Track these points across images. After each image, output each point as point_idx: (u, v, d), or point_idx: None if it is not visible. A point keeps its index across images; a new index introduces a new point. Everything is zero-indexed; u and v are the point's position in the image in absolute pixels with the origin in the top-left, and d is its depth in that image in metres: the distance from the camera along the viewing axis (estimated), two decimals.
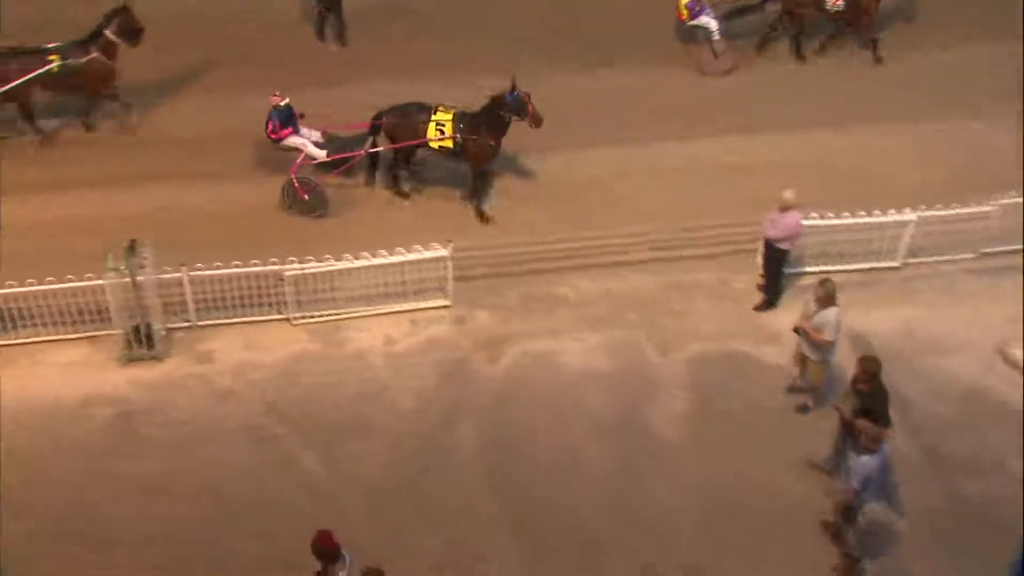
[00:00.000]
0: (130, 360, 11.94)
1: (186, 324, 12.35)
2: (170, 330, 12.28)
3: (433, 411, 11.62)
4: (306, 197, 13.66)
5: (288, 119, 13.61)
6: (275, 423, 11.46)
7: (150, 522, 10.44)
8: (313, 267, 12.14)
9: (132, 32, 14.62)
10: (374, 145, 13.89)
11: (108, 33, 14.49)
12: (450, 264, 12.45)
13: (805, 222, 12.53)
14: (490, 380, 11.96)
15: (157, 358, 11.99)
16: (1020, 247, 13.43)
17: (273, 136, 13.66)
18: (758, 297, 12.95)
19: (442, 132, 13.46)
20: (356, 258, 12.22)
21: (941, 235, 13.24)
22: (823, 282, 11.17)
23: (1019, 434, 11.41)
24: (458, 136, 13.42)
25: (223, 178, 14.20)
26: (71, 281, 11.66)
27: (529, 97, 13.20)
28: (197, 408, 11.57)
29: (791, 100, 16.01)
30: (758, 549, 10.31)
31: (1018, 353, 12.16)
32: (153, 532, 10.37)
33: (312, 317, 12.51)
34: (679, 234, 13.67)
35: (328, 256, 12.18)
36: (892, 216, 12.94)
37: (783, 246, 12.51)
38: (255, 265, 12.05)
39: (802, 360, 11.46)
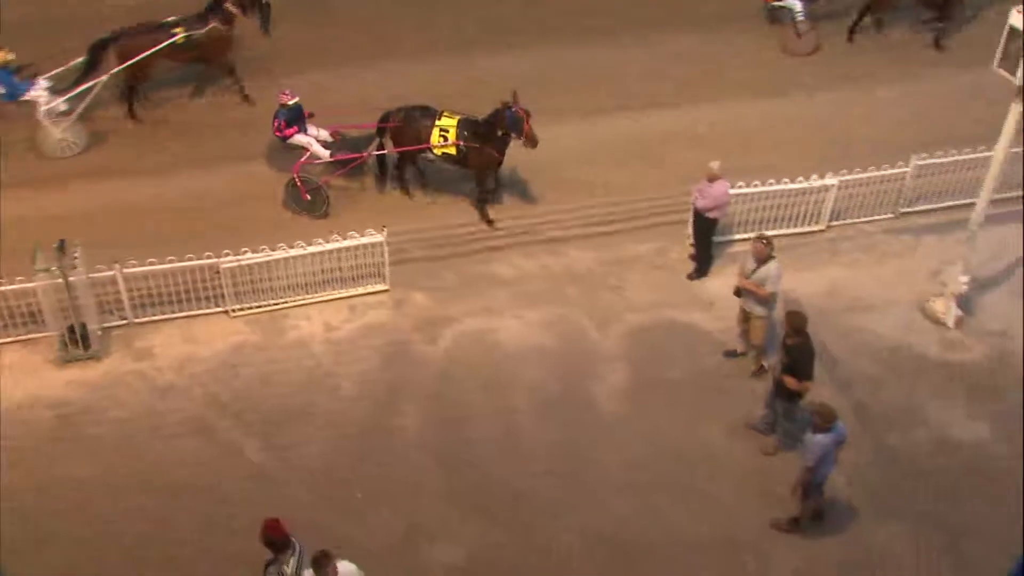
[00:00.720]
0: (67, 361, 11.85)
1: (123, 322, 12.27)
2: (107, 329, 12.19)
3: (376, 394, 11.72)
4: (307, 196, 13.57)
5: (295, 118, 13.55)
6: (219, 415, 11.46)
7: (101, 520, 10.43)
8: (249, 259, 12.13)
9: (248, 2, 15.07)
10: (380, 147, 13.82)
11: (228, 4, 14.86)
12: (386, 249, 12.53)
13: (732, 191, 12.85)
14: (431, 361, 12.09)
15: (95, 358, 11.90)
16: (935, 206, 13.97)
17: (278, 134, 13.62)
18: (691, 266, 13.25)
19: (445, 138, 13.34)
20: (291, 247, 12.25)
21: (862, 197, 13.69)
22: (759, 238, 11.44)
23: (939, 387, 11.90)
24: (461, 144, 13.29)
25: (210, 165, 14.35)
26: (1, 284, 11.53)
27: (528, 117, 12.93)
28: (140, 405, 11.53)
29: (721, 74, 16.40)
30: (700, 512, 10.63)
31: (937, 308, 12.68)
32: (104, 530, 10.36)
33: (251, 308, 12.50)
34: (613, 208, 13.91)
35: (264, 247, 12.19)
36: (815, 182, 13.32)
37: (712, 215, 12.80)
38: (190, 259, 12.01)
39: (745, 319, 11.74)
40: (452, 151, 13.40)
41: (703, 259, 13.22)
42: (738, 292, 11.64)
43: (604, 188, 14.15)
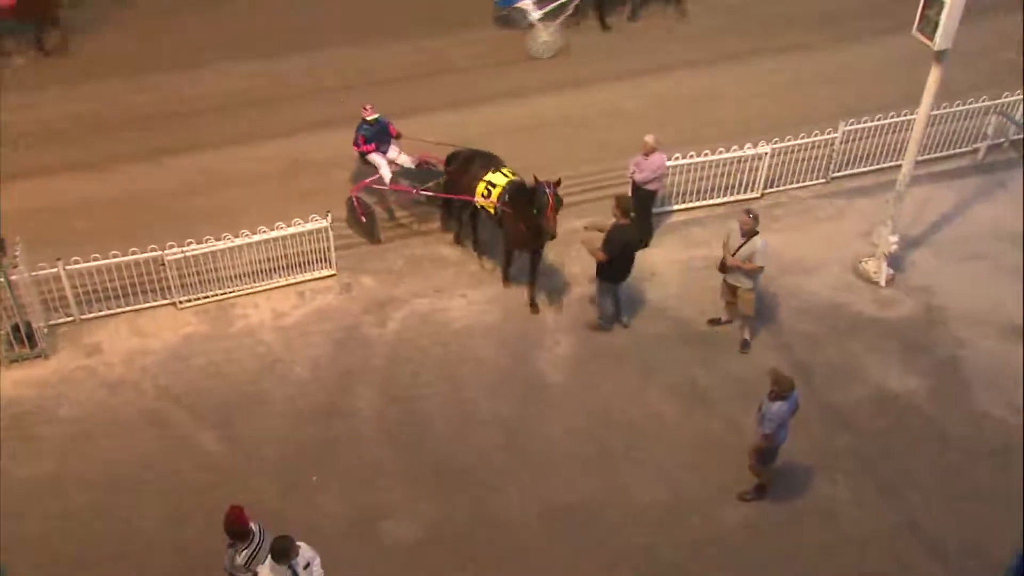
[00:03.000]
0: (13, 361, 11.77)
1: (69, 319, 12.22)
2: (53, 326, 12.13)
3: (329, 379, 11.81)
4: (363, 219, 13.29)
5: (376, 135, 13.14)
6: (172, 407, 11.47)
7: (57, 519, 10.38)
8: (194, 249, 12.13)
9: None
10: (445, 186, 13.05)
11: None
12: (331, 234, 12.61)
13: (669, 163, 13.12)
14: (382, 342, 12.21)
15: (42, 356, 11.84)
16: (863, 169, 14.40)
17: (355, 148, 13.25)
18: None
19: (489, 193, 12.35)
20: (236, 236, 12.26)
21: (795, 164, 14.06)
22: (747, 212, 11.45)
23: (875, 343, 12.31)
24: (499, 205, 12.28)
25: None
26: None
27: (553, 205, 11.63)
28: (90, 401, 11.50)
29: (637, 52, 16.78)
30: (649, 476, 10.88)
31: (869, 268, 13.11)
32: (59, 528, 10.32)
33: (198, 299, 12.51)
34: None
35: (209, 237, 12.19)
36: (749, 150, 13.66)
37: (650, 187, 13.04)
38: (134, 253, 11.97)
39: (731, 293, 11.86)
40: (491, 209, 12.45)
41: (644, 231, 13.42)
42: (723, 268, 11.69)
43: (540, 166, 14.26)
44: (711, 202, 13.96)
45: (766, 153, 13.70)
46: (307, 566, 8.73)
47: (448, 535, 10.37)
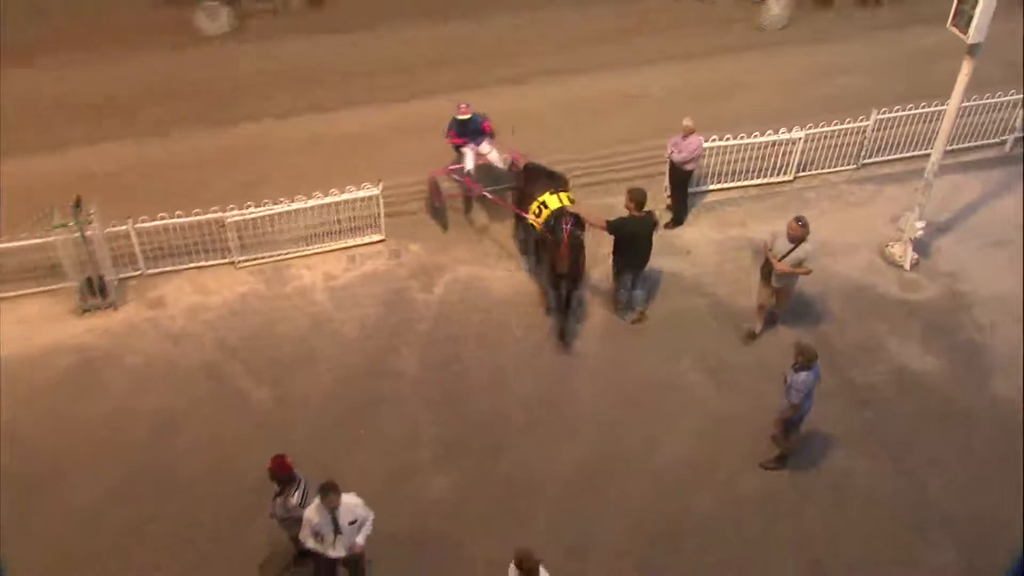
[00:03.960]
0: (86, 310, 12.55)
1: (136, 273, 12.97)
2: (122, 280, 12.87)
3: (375, 339, 12.38)
4: (437, 204, 13.71)
5: (464, 131, 13.39)
6: (227, 359, 12.13)
7: (109, 458, 11.02)
8: (252, 212, 12.82)
9: None
10: (515, 190, 13.20)
11: None
12: (381, 201, 13.21)
13: (706, 144, 13.60)
14: (427, 307, 12.77)
15: (112, 306, 12.61)
16: (894, 157, 14.76)
17: (446, 140, 13.57)
18: (667, 217, 13.94)
19: (539, 214, 12.23)
20: (292, 201, 12.93)
21: (827, 149, 14.46)
22: (797, 220, 11.55)
23: (898, 324, 12.73)
24: (543, 228, 12.13)
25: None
26: (24, 239, 12.21)
27: (568, 242, 11.59)
28: (154, 350, 12.22)
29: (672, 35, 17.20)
30: (670, 447, 11.27)
31: (895, 252, 13.55)
32: (112, 464, 10.95)
33: (255, 260, 13.20)
34: (593, 162, 14.56)
35: (267, 200, 12.88)
36: (783, 135, 14.11)
37: (687, 168, 13.52)
38: (197, 214, 12.68)
39: (772, 294, 12.12)
40: (538, 230, 12.36)
41: (680, 209, 13.94)
42: (767, 273, 11.94)
43: (579, 143, 14.77)
44: (745, 183, 14.42)
45: (799, 138, 14.14)
46: (353, 522, 9.10)
47: (476, 500, 10.73)
